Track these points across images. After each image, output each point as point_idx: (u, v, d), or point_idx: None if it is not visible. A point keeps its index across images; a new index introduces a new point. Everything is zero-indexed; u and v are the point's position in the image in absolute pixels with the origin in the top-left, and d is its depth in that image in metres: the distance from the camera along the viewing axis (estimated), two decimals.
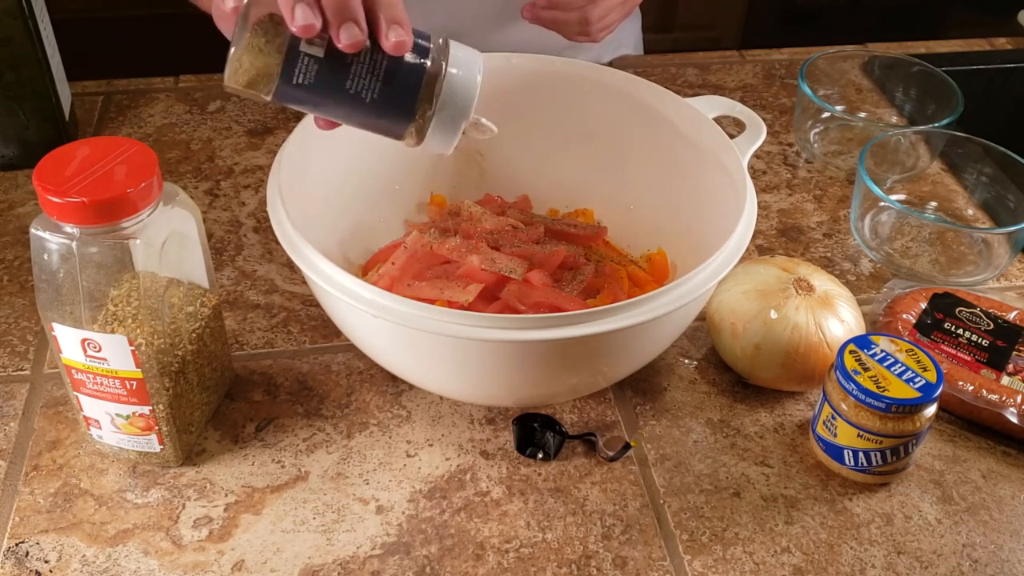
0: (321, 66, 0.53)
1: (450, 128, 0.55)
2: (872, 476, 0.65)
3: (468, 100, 0.55)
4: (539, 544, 0.61)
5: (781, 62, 1.11)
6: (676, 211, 0.76)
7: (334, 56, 0.53)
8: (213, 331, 0.65)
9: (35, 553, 0.60)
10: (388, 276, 0.70)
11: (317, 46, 0.52)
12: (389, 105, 0.54)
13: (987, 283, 0.82)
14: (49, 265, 0.56)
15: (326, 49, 0.52)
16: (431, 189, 0.82)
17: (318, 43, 0.52)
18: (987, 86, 1.12)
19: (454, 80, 0.54)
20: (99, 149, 0.56)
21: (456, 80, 0.54)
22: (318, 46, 0.52)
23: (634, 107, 0.76)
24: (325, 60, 0.53)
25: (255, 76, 0.53)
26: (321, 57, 0.52)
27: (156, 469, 0.64)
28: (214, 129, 0.95)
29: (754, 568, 0.61)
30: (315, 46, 0.52)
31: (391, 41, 0.52)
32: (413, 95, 0.54)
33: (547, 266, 0.71)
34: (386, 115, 0.55)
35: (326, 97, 0.54)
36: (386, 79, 0.53)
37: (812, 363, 0.67)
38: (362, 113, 0.55)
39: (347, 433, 0.67)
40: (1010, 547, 0.63)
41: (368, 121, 0.55)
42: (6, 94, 0.84)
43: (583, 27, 0.86)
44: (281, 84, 0.53)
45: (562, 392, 0.67)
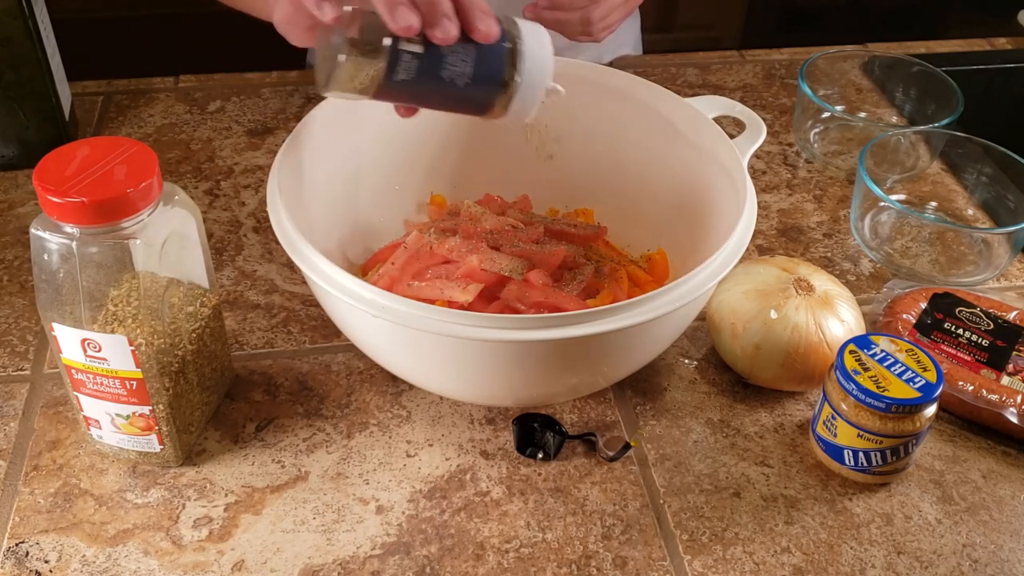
0: (420, 61, 0.57)
1: (533, 96, 0.60)
2: (872, 476, 0.65)
3: (546, 69, 0.60)
4: (539, 544, 0.61)
5: (781, 62, 1.11)
6: (676, 211, 0.76)
7: (431, 50, 0.57)
8: (213, 331, 0.65)
9: (35, 553, 0.60)
10: (388, 276, 0.70)
11: (415, 43, 0.56)
12: (480, 86, 0.59)
13: (987, 283, 0.82)
14: (49, 265, 0.56)
15: (423, 45, 0.57)
16: (431, 189, 0.82)
17: (416, 40, 0.56)
18: (987, 86, 1.12)
19: (532, 54, 0.59)
20: (99, 149, 0.56)
21: (533, 53, 0.59)
22: (416, 43, 0.56)
23: (634, 107, 0.76)
24: (423, 55, 0.57)
25: (361, 80, 0.57)
26: (420, 52, 0.57)
27: (156, 469, 0.65)
28: (214, 129, 0.95)
29: (754, 568, 0.61)
30: (413, 43, 0.56)
31: (482, 31, 0.57)
32: (500, 74, 0.59)
33: (547, 266, 0.71)
34: (477, 96, 0.60)
35: (424, 87, 0.58)
36: (477, 63, 0.58)
37: (812, 363, 0.67)
38: (455, 97, 0.60)
39: (347, 433, 0.67)
40: (1010, 547, 0.63)
41: (458, 104, 0.61)
42: (6, 94, 0.84)
43: (585, 27, 0.86)
44: (385, 82, 0.57)
45: (562, 392, 0.67)
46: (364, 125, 0.75)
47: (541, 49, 0.60)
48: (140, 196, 0.55)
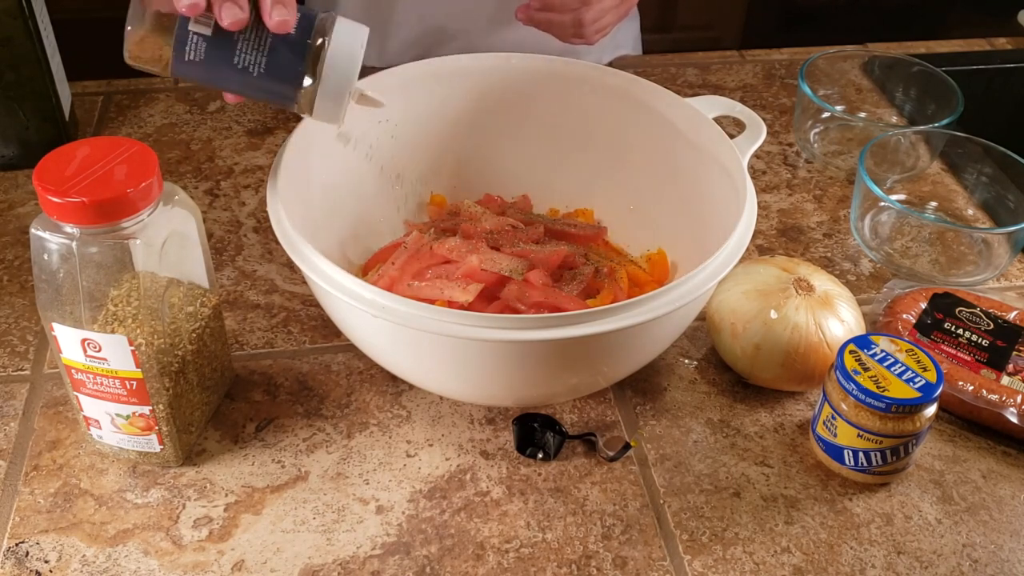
0: (209, 44, 0.57)
1: (335, 99, 0.59)
2: (872, 476, 0.65)
3: (350, 72, 0.59)
4: (539, 544, 0.61)
5: (781, 62, 1.11)
6: (676, 211, 0.76)
7: (221, 34, 0.57)
8: (213, 331, 0.65)
9: (35, 553, 0.60)
10: (388, 276, 0.70)
11: (204, 25, 0.57)
12: (275, 78, 0.58)
13: (987, 283, 0.82)
14: (49, 265, 0.56)
15: (213, 28, 0.56)
16: (431, 189, 0.82)
17: (204, 21, 0.57)
18: (987, 86, 1.12)
19: (336, 53, 0.58)
20: (99, 149, 0.56)
21: (337, 53, 0.58)
22: (205, 24, 0.57)
23: (634, 107, 0.76)
24: (213, 38, 0.57)
25: (151, 54, 0.58)
26: (209, 35, 0.57)
27: (156, 469, 0.65)
28: (214, 129, 0.95)
29: (754, 568, 0.61)
30: (202, 25, 0.57)
31: (274, 20, 0.56)
32: (297, 69, 0.58)
33: (547, 266, 0.71)
34: (274, 88, 0.59)
35: (216, 72, 0.58)
36: (271, 54, 0.58)
37: (812, 363, 0.67)
38: (252, 86, 0.59)
39: (347, 433, 0.67)
40: (1010, 547, 0.63)
41: (259, 93, 0.60)
42: (6, 94, 0.84)
43: (577, 29, 0.86)
44: (174, 61, 0.58)
45: (562, 392, 0.67)
46: (364, 125, 0.75)
47: (349, 51, 0.58)
48: (140, 196, 0.55)
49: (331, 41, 0.58)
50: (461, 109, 0.79)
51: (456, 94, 0.78)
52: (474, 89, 0.78)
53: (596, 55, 1.08)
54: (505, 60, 0.78)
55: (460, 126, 0.79)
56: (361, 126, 0.74)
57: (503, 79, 0.78)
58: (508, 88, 0.78)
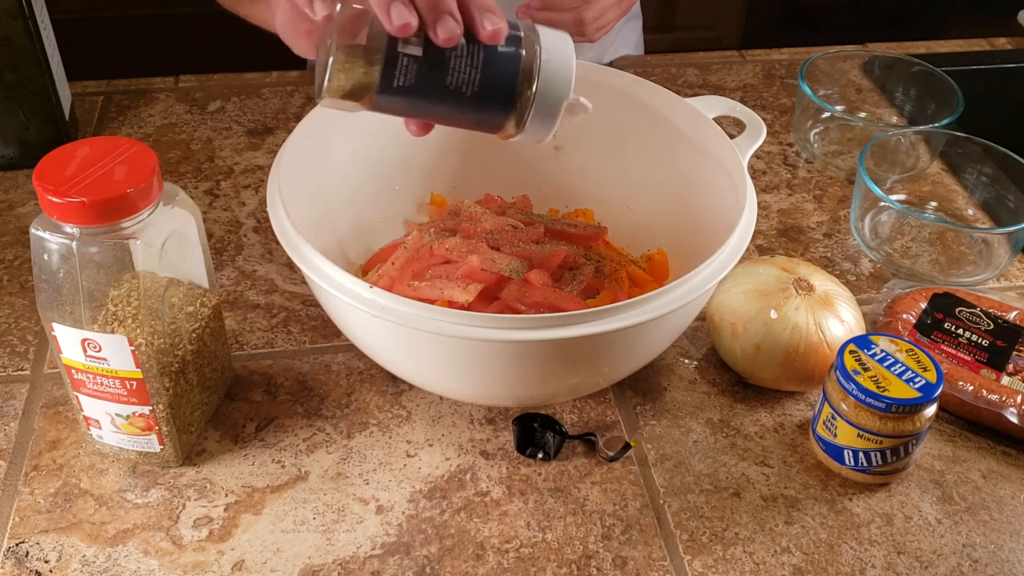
0: (420, 65, 0.52)
1: (551, 111, 0.54)
2: (872, 476, 0.65)
3: (567, 81, 0.54)
4: (539, 544, 0.61)
5: (781, 62, 1.11)
6: (676, 211, 0.76)
7: (432, 53, 0.52)
8: (213, 331, 0.65)
9: (35, 553, 0.60)
10: (388, 276, 0.70)
11: (414, 45, 0.51)
12: (489, 96, 0.53)
13: (987, 283, 0.82)
14: (49, 265, 0.56)
15: (423, 47, 0.51)
16: (431, 189, 0.82)
17: (415, 42, 0.51)
18: (987, 86, 1.12)
19: (551, 62, 0.53)
20: (99, 149, 0.56)
21: (553, 61, 0.53)
22: (415, 45, 0.51)
23: (634, 107, 0.76)
24: (424, 58, 0.52)
25: (355, 86, 0.52)
26: (419, 56, 0.51)
27: (156, 469, 0.65)
28: (214, 129, 0.95)
29: (754, 568, 0.61)
30: (412, 45, 0.51)
31: (487, 30, 0.51)
32: (512, 82, 0.53)
33: (547, 266, 0.71)
34: (487, 106, 0.54)
35: (426, 96, 0.53)
36: (485, 69, 0.52)
37: (812, 363, 0.67)
38: (462, 108, 0.54)
39: (347, 433, 0.67)
40: (1010, 547, 0.63)
41: (468, 116, 0.55)
42: (6, 94, 0.84)
43: (578, 27, 0.86)
44: (381, 89, 0.52)
45: (562, 392, 0.67)
46: (364, 125, 0.75)
47: (563, 58, 0.53)
48: (140, 196, 0.55)
49: (543, 49, 0.53)
50: None
51: None
52: None
53: (597, 54, 1.08)
54: None
55: None
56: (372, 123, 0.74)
57: None
58: None
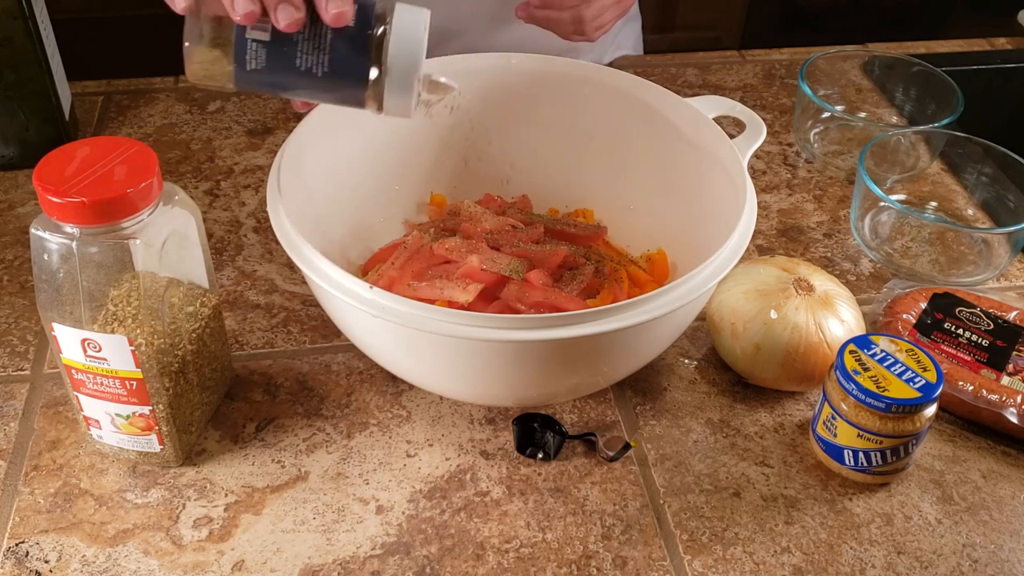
0: (269, 49, 0.54)
1: (404, 89, 0.56)
2: (872, 476, 0.65)
3: (414, 58, 0.55)
4: (539, 544, 0.61)
5: (781, 62, 1.11)
6: (676, 211, 0.76)
7: (279, 37, 0.54)
8: (213, 331, 0.65)
9: (35, 553, 0.60)
10: (388, 276, 0.70)
11: (261, 30, 0.54)
12: (341, 76, 0.55)
13: (987, 283, 0.82)
14: (49, 265, 0.56)
15: (271, 32, 0.54)
16: (431, 189, 0.82)
17: (261, 27, 0.54)
18: (987, 86, 1.12)
19: (399, 40, 0.54)
20: (99, 149, 0.56)
21: (400, 40, 0.54)
22: (262, 30, 0.54)
23: (634, 107, 0.76)
24: (271, 43, 0.54)
25: (212, 69, 0.55)
26: (267, 40, 0.54)
27: (156, 469, 0.65)
28: (214, 129, 0.95)
29: (754, 568, 0.61)
30: (259, 31, 0.54)
31: (331, 13, 0.53)
32: (362, 62, 0.55)
33: (547, 266, 0.71)
34: (340, 86, 0.56)
35: (281, 78, 0.55)
36: (333, 51, 0.54)
37: (812, 363, 0.67)
38: (318, 88, 0.56)
39: (347, 433, 0.67)
40: (1010, 547, 0.63)
41: (326, 95, 0.57)
42: (6, 94, 0.84)
43: (577, 26, 0.86)
44: (237, 72, 0.55)
45: (562, 392, 0.67)
46: (364, 125, 0.75)
47: (412, 35, 0.54)
48: (140, 196, 0.55)
49: (392, 28, 0.54)
50: (462, 109, 0.79)
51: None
52: (475, 89, 0.78)
53: (597, 54, 1.08)
54: (506, 60, 0.78)
55: (461, 126, 0.79)
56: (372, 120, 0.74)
57: (504, 79, 0.78)
58: (509, 88, 0.78)
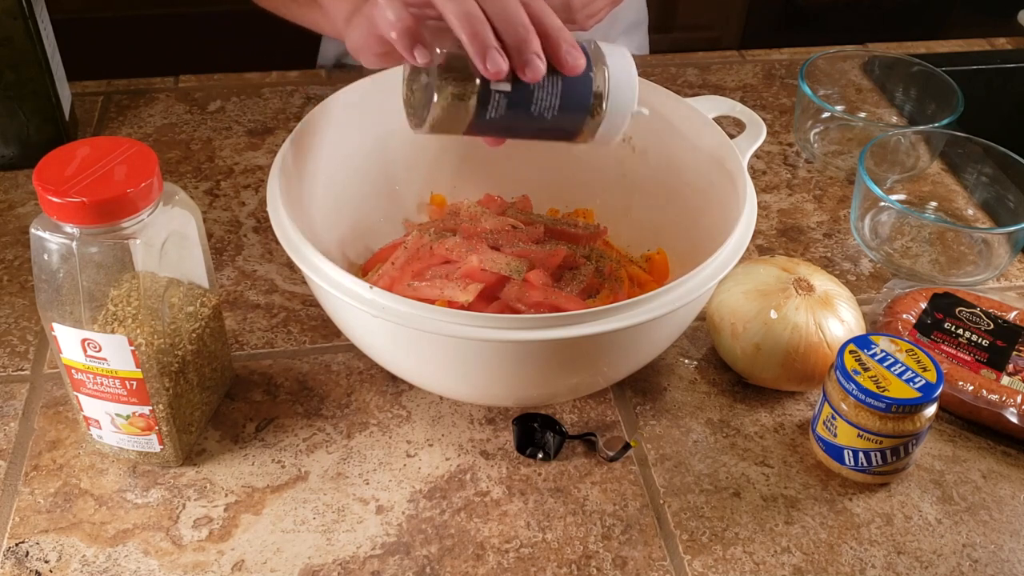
0: (510, 99, 0.57)
1: (619, 122, 0.60)
2: (872, 476, 0.65)
3: (631, 97, 0.60)
4: (539, 544, 0.61)
5: (781, 62, 1.11)
6: (676, 211, 0.76)
7: (519, 87, 0.57)
8: (213, 331, 0.65)
9: (35, 553, 0.60)
10: (388, 276, 0.70)
11: (504, 81, 0.57)
12: (568, 117, 0.59)
13: (987, 283, 0.82)
14: (49, 265, 0.56)
15: (512, 83, 0.57)
16: (431, 189, 0.82)
17: (505, 78, 0.57)
18: (987, 86, 1.12)
19: (618, 82, 0.59)
20: (99, 149, 0.56)
21: (619, 80, 0.59)
22: (505, 81, 0.57)
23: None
24: (512, 93, 0.57)
25: (452, 120, 0.58)
26: (509, 91, 0.57)
27: (156, 469, 0.65)
28: (214, 129, 0.95)
29: (754, 568, 0.61)
30: (503, 82, 0.57)
31: (570, 64, 0.57)
32: (587, 103, 0.59)
33: (547, 266, 0.71)
34: (565, 125, 0.60)
35: (513, 122, 0.59)
36: (564, 95, 0.58)
37: (812, 363, 0.67)
38: (543, 128, 0.60)
39: (347, 433, 0.67)
40: (1010, 547, 0.63)
41: (546, 134, 0.61)
42: (6, 94, 0.84)
43: (567, 14, 0.85)
44: (477, 120, 0.58)
45: (562, 392, 0.67)
46: (364, 125, 0.75)
47: (627, 75, 0.60)
48: (140, 196, 0.55)
49: (610, 70, 0.59)
50: None
51: None
52: None
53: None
54: None
55: None
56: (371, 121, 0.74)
57: None
58: None
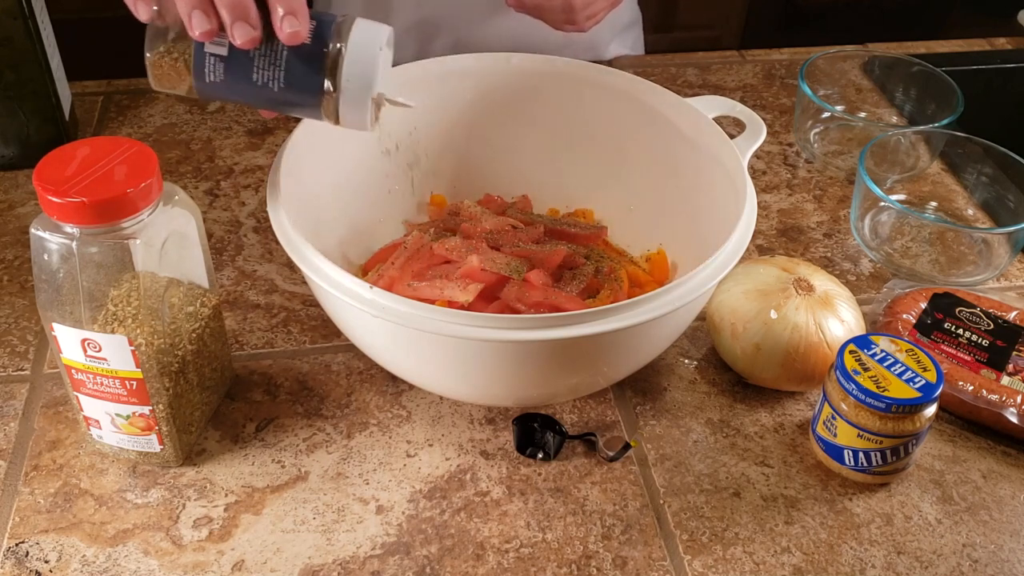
0: (226, 63, 0.56)
1: (357, 107, 0.57)
2: (872, 476, 0.65)
3: (368, 78, 0.56)
4: (539, 544, 0.61)
5: (781, 62, 1.11)
6: (676, 211, 0.76)
7: (237, 53, 0.56)
8: (213, 331, 0.65)
9: (35, 553, 0.60)
10: (388, 276, 0.70)
11: (219, 45, 0.55)
12: (295, 91, 0.57)
13: (987, 283, 0.82)
14: (49, 265, 0.56)
15: (228, 47, 0.55)
16: (431, 189, 0.82)
17: (219, 42, 0.55)
18: (987, 86, 1.12)
19: (352, 60, 0.56)
20: (99, 149, 0.56)
21: (353, 60, 0.56)
22: (220, 45, 0.55)
23: (634, 107, 0.76)
24: (229, 58, 0.56)
25: (173, 79, 0.57)
26: (225, 55, 0.56)
27: (156, 469, 0.65)
28: (214, 129, 0.95)
29: (754, 568, 0.61)
30: (217, 45, 0.55)
31: (285, 32, 0.54)
32: (315, 80, 0.56)
33: (547, 266, 0.71)
34: (296, 101, 0.57)
35: (238, 90, 0.57)
36: (288, 67, 0.56)
37: (812, 363, 0.67)
38: (275, 101, 0.57)
39: (347, 433, 0.67)
40: (1010, 547, 0.63)
41: (282, 107, 0.59)
42: (6, 94, 0.84)
43: (568, 15, 0.85)
44: (196, 84, 0.57)
45: (562, 392, 0.67)
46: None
47: (366, 56, 0.56)
48: (140, 196, 0.55)
49: (347, 47, 0.56)
50: (461, 109, 0.79)
51: (456, 94, 0.78)
52: (474, 89, 0.78)
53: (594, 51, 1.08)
54: (505, 60, 0.78)
55: (460, 126, 0.79)
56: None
57: (503, 79, 0.78)
58: (508, 88, 0.78)
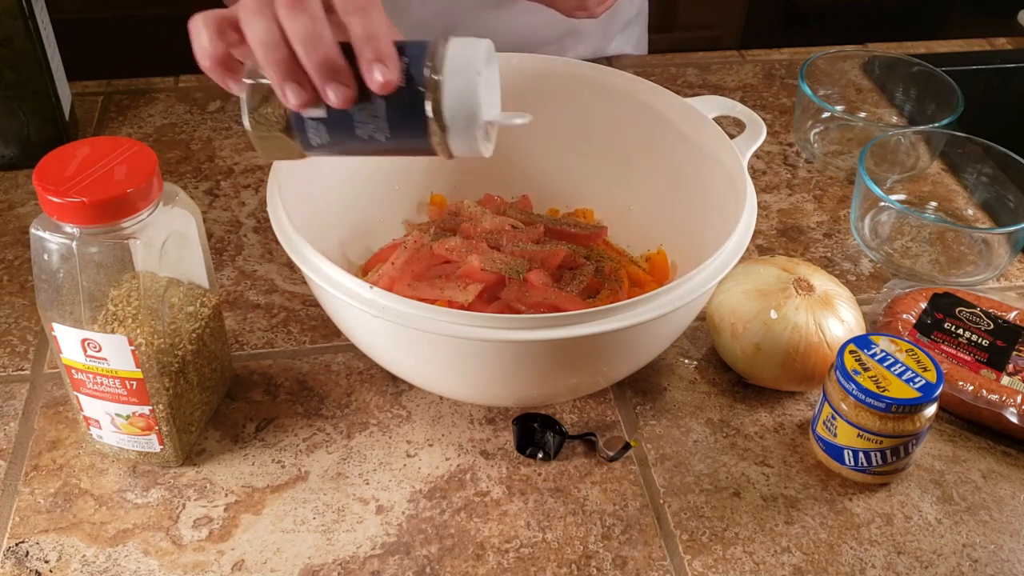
0: (328, 125, 0.54)
1: (467, 136, 0.53)
2: (872, 476, 0.65)
3: (471, 110, 0.52)
4: (539, 544, 0.61)
5: (781, 62, 1.11)
6: (676, 211, 0.76)
7: (335, 113, 0.53)
8: (213, 331, 0.65)
9: (35, 553, 0.60)
10: (388, 276, 0.70)
11: (316, 108, 0.53)
12: (404, 137, 0.54)
13: (987, 283, 0.82)
14: (49, 265, 0.56)
15: (326, 108, 0.53)
16: (431, 189, 0.82)
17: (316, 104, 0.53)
18: (987, 86, 1.12)
19: (452, 95, 0.52)
20: (99, 149, 0.56)
21: (454, 94, 0.52)
22: (317, 108, 0.53)
23: (635, 107, 0.76)
24: (329, 119, 0.53)
25: (281, 151, 0.56)
26: (325, 117, 0.53)
27: (156, 469, 0.65)
28: (214, 129, 0.95)
29: (754, 568, 0.61)
30: (315, 108, 0.53)
31: (376, 82, 0.51)
32: (420, 121, 0.53)
33: (547, 266, 0.71)
34: (406, 144, 0.54)
35: (346, 146, 0.55)
36: (390, 118, 0.53)
37: (812, 363, 0.67)
38: (385, 149, 0.55)
39: (347, 433, 0.67)
40: (1010, 547, 0.63)
41: (395, 152, 0.56)
42: (6, 94, 0.84)
43: (580, 1, 0.85)
44: (304, 148, 0.55)
45: (562, 392, 0.67)
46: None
47: (466, 85, 0.52)
48: (140, 196, 0.55)
49: (444, 81, 0.51)
50: None
51: None
52: None
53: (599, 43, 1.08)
54: (505, 60, 0.77)
55: None
56: None
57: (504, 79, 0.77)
58: (508, 88, 0.78)
